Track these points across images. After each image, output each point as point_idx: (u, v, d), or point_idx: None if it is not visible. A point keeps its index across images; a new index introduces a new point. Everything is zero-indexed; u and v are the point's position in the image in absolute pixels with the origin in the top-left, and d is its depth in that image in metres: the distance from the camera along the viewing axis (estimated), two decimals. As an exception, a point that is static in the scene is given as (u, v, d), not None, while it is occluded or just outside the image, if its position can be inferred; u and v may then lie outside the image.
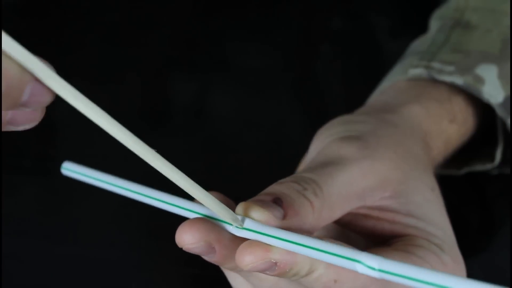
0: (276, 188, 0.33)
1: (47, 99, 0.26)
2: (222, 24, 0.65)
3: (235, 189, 0.34)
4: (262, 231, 0.30)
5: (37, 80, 0.25)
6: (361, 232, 0.37)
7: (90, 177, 0.35)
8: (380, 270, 0.27)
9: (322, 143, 0.38)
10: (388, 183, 0.36)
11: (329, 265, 0.30)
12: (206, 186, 0.50)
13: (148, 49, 0.63)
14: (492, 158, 0.46)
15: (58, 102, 0.28)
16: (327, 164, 0.35)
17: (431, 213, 0.36)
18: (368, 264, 0.27)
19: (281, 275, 0.30)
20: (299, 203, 0.32)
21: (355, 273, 0.31)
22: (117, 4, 0.66)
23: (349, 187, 0.35)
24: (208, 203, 0.30)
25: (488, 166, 0.47)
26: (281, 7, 0.66)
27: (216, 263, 0.33)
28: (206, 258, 0.32)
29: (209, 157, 0.54)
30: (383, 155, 0.36)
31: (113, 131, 0.27)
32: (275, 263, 0.30)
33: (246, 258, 0.30)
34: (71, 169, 0.35)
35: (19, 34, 0.26)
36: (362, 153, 0.36)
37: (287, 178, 0.34)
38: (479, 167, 0.47)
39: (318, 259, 0.30)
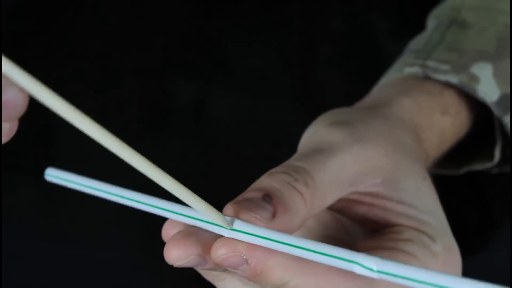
0: (266, 181, 0.33)
1: (14, 114, 0.25)
2: (222, 25, 0.65)
3: (235, 189, 0.34)
4: (252, 232, 0.30)
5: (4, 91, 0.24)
6: (354, 219, 0.37)
7: (75, 182, 0.35)
8: (379, 272, 0.27)
9: (311, 132, 0.38)
10: (379, 169, 0.36)
11: (305, 275, 0.30)
12: (206, 186, 0.50)
13: (148, 50, 0.63)
14: (491, 157, 0.46)
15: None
16: (318, 151, 0.35)
17: (422, 200, 0.36)
18: (366, 265, 0.27)
19: (254, 277, 0.30)
20: (289, 197, 0.32)
21: (335, 281, 0.30)
22: (117, 6, 0.66)
23: (341, 174, 0.35)
24: (196, 205, 0.30)
25: (487, 165, 0.47)
26: (281, 8, 0.66)
27: (209, 270, 0.33)
28: (199, 268, 0.32)
29: (209, 158, 0.54)
30: (374, 141, 0.36)
31: (99, 137, 0.26)
32: (246, 260, 0.30)
33: (219, 251, 0.30)
34: (55, 176, 0.36)
35: (18, 36, 0.26)
36: (352, 137, 0.36)
37: (278, 168, 0.33)
38: (479, 166, 0.47)
39: (293, 268, 0.30)
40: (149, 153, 0.53)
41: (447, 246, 0.35)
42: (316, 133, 0.37)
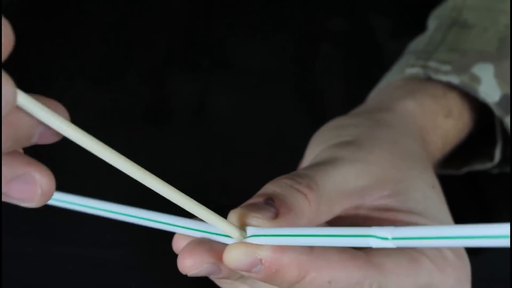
0: (268, 187, 0.33)
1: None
2: (222, 24, 0.65)
3: (235, 188, 0.34)
4: (265, 233, 0.30)
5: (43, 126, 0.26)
6: None
7: (71, 203, 0.35)
8: (394, 238, 0.27)
9: (315, 151, 0.38)
10: (385, 182, 0.36)
11: (320, 267, 0.30)
12: (207, 185, 0.50)
13: (149, 49, 0.63)
14: (491, 157, 0.46)
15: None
16: (322, 163, 0.35)
17: (432, 209, 0.36)
18: (381, 235, 0.27)
19: (269, 277, 0.30)
20: (292, 198, 0.32)
21: (349, 272, 0.31)
22: (118, 4, 0.66)
23: (345, 184, 0.35)
24: (209, 219, 0.30)
25: (488, 165, 0.47)
26: (282, 7, 0.66)
27: (223, 279, 0.33)
28: (212, 277, 0.32)
29: (210, 157, 0.54)
30: (378, 157, 0.36)
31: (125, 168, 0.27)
32: (260, 260, 0.30)
33: (232, 254, 0.30)
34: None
35: (19, 35, 0.26)
36: (355, 156, 0.36)
37: (282, 176, 0.34)
38: (479, 166, 0.47)
39: (308, 263, 0.30)
40: (149, 151, 0.54)
41: (458, 254, 0.35)
42: (320, 154, 0.37)
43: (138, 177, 0.27)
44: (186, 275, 0.43)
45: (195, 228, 0.32)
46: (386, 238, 0.27)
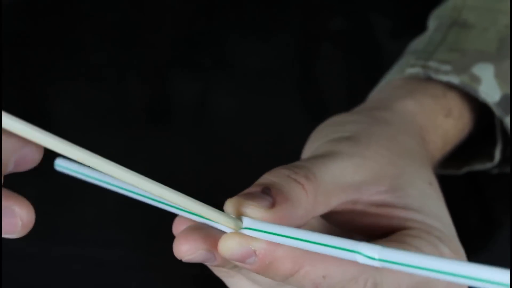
0: (266, 177, 0.33)
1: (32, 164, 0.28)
2: (223, 23, 0.65)
3: (236, 188, 0.34)
4: (261, 229, 0.30)
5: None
6: (360, 231, 0.37)
7: (83, 174, 0.35)
8: (380, 260, 0.27)
9: (313, 146, 0.38)
10: (383, 178, 0.36)
11: (315, 261, 0.30)
12: (207, 185, 0.50)
13: (150, 49, 0.63)
14: (491, 158, 0.46)
15: (56, 102, 0.28)
16: (320, 156, 0.36)
17: (429, 205, 0.36)
18: (368, 254, 0.27)
19: (262, 269, 0.30)
20: (289, 188, 0.32)
21: (344, 267, 0.31)
22: (118, 4, 0.66)
23: (342, 177, 0.35)
24: (204, 212, 0.30)
25: (487, 165, 0.47)
26: (282, 7, 0.66)
27: (217, 266, 0.33)
28: (207, 263, 0.32)
29: (210, 157, 0.54)
30: (375, 153, 0.37)
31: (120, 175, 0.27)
32: (254, 252, 0.30)
33: (226, 243, 0.30)
34: (64, 166, 0.35)
35: (18, 36, 0.26)
36: (352, 150, 0.36)
37: (280, 166, 0.34)
38: (479, 166, 0.47)
39: (302, 257, 0.30)
40: (150, 152, 0.54)
41: (454, 250, 0.35)
42: (317, 149, 0.37)
43: (118, 175, 0.27)
44: (186, 276, 0.43)
45: (197, 213, 0.32)
46: (373, 258, 0.27)
